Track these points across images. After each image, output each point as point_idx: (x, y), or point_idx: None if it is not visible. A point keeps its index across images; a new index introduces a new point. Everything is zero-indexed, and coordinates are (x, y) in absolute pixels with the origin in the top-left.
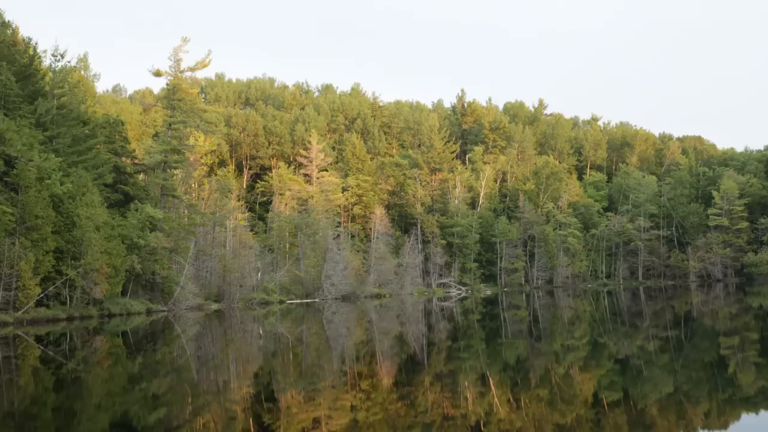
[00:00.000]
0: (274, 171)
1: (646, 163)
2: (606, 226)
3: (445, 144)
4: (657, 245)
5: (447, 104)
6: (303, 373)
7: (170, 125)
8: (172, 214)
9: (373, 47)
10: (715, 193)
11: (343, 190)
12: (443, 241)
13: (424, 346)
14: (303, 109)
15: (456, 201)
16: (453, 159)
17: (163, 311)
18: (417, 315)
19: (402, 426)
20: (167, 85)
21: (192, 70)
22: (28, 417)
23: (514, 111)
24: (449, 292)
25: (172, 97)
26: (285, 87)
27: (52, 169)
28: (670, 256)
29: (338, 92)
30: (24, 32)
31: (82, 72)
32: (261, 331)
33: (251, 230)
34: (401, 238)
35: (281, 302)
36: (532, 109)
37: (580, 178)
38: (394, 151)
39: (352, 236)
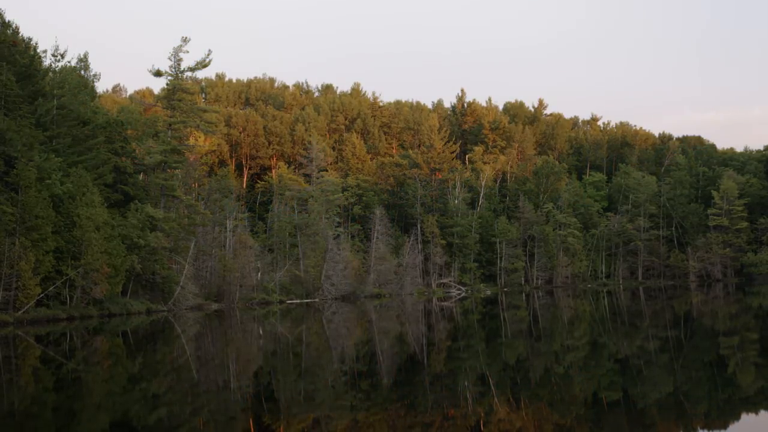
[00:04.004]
0: (274, 171)
1: (646, 163)
2: (606, 226)
3: (445, 144)
4: (657, 245)
5: (447, 104)
6: (303, 373)
7: (170, 125)
8: (172, 214)
9: (373, 47)
10: (714, 193)
11: (343, 190)
12: (443, 241)
13: (424, 346)
14: (303, 109)
15: (456, 201)
16: (453, 159)
17: (163, 311)
18: (417, 315)
19: (402, 426)
20: (167, 85)
21: (192, 70)
22: (28, 417)
23: (514, 111)
24: (449, 292)
25: (172, 97)
26: (285, 87)
27: (52, 169)
28: (670, 256)
29: (338, 92)
30: (24, 32)
31: (83, 72)
32: (261, 331)
33: (251, 230)
34: (401, 238)
35: (281, 302)
36: (532, 109)
37: (580, 178)
38: (394, 151)
39: (352, 236)
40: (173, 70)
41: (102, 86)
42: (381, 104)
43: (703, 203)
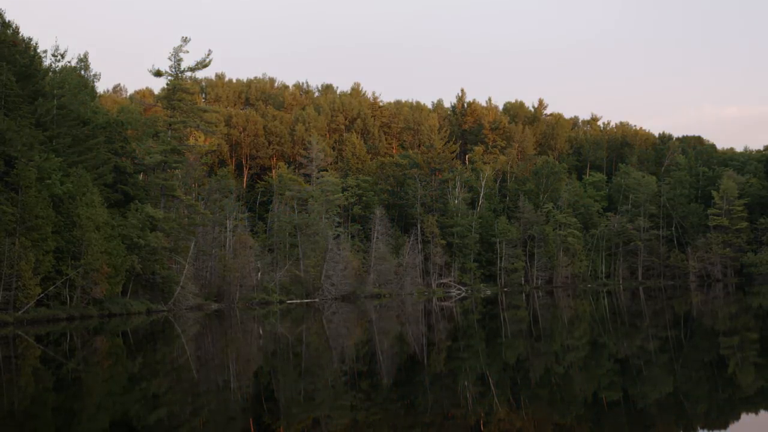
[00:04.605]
0: (274, 171)
1: (646, 163)
2: (606, 226)
3: (445, 144)
4: (657, 245)
5: (447, 104)
6: (303, 373)
7: (170, 125)
8: (172, 214)
9: (373, 47)
10: (714, 193)
11: (343, 190)
12: (443, 241)
13: (424, 346)
14: (303, 109)
15: (456, 201)
16: (453, 159)
17: (163, 311)
18: (417, 315)
19: (402, 426)
20: (167, 85)
21: (192, 70)
22: (28, 417)
23: (514, 111)
24: (449, 292)
25: (172, 97)
26: (285, 87)
27: (52, 169)
28: (670, 256)
29: (338, 92)
30: (24, 32)
31: (83, 72)
32: (261, 331)
33: (251, 230)
34: (401, 238)
35: (281, 302)
36: (532, 109)
37: (580, 178)
38: (394, 151)
39: (352, 236)
40: (173, 70)
41: (102, 86)
42: (381, 104)
43: (703, 203)
